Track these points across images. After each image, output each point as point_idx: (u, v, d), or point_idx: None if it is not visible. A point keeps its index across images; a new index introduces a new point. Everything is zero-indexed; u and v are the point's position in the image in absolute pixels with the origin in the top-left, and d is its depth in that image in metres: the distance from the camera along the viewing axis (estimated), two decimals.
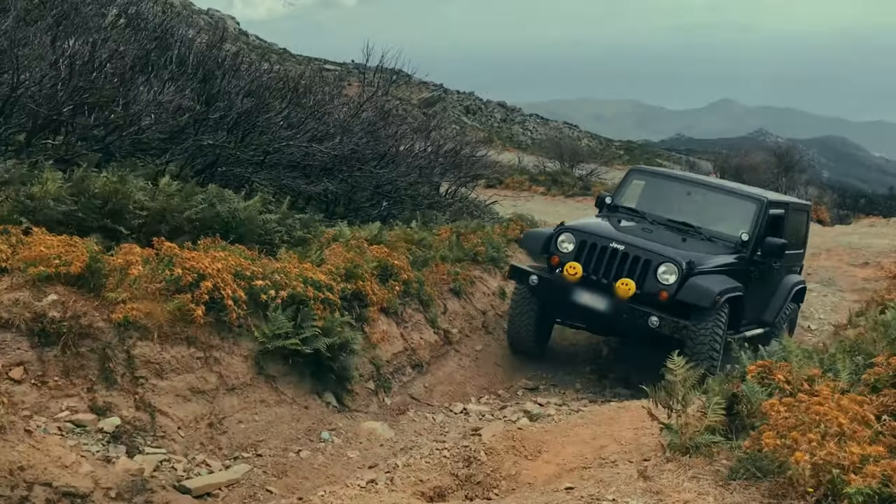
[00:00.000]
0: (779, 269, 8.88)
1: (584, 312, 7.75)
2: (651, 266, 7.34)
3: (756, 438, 3.06)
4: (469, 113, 56.47)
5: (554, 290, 7.74)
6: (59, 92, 9.41)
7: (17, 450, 4.01)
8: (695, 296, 7.16)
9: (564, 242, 7.85)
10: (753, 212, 8.30)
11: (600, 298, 7.37)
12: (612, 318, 7.44)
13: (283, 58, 36.85)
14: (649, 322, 7.08)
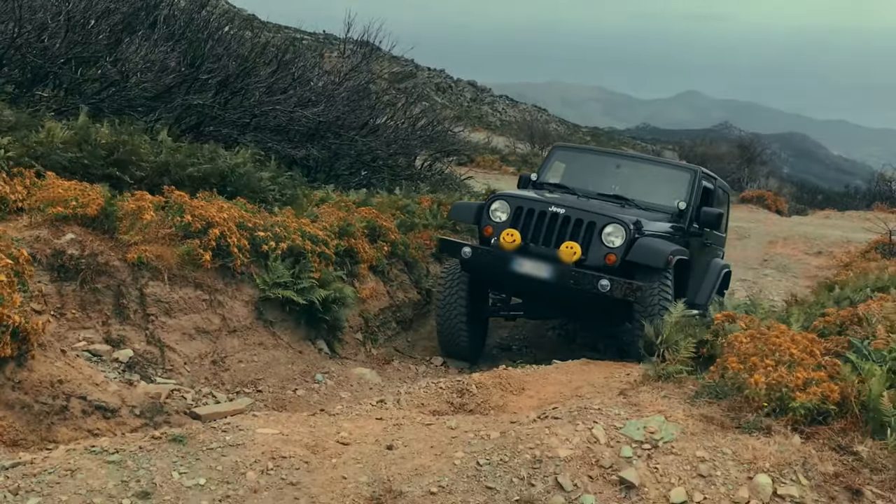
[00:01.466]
0: (708, 249, 8.60)
1: (525, 284, 6.97)
2: (596, 228, 6.70)
3: (720, 365, 3.59)
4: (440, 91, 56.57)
5: (490, 262, 6.91)
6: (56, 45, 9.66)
7: (55, 365, 4.39)
8: (646, 256, 6.60)
9: (498, 211, 7.13)
10: (688, 181, 7.92)
11: (543, 265, 6.64)
12: (558, 287, 6.67)
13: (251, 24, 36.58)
14: (599, 286, 6.34)
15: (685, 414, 3.37)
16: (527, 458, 3.03)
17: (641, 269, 6.65)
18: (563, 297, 6.97)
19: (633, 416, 3.31)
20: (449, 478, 2.94)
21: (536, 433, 3.20)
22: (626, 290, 6.38)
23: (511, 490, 2.87)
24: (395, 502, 2.78)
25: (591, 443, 3.10)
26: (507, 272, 6.81)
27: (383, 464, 3.06)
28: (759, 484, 2.89)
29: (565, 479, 2.90)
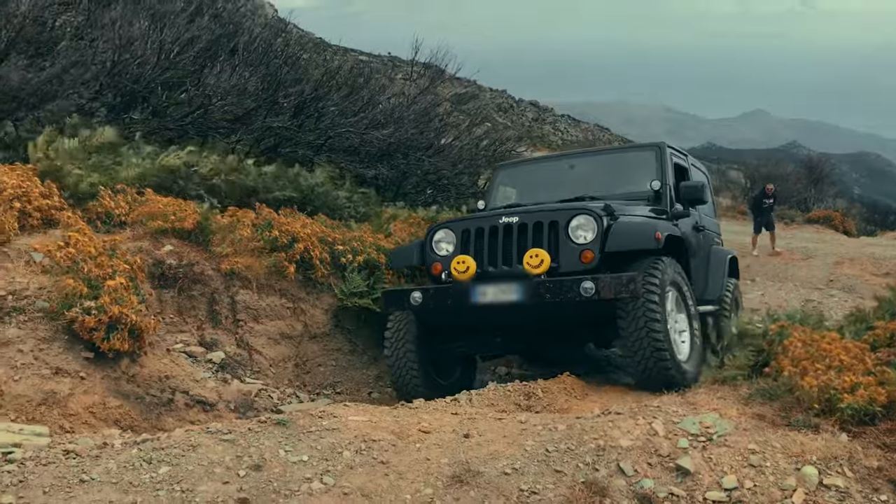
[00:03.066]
0: (704, 235, 7.53)
1: (495, 316, 5.69)
2: (560, 227, 5.57)
3: (773, 369, 3.85)
4: (501, 111, 56.97)
5: (445, 303, 5.68)
6: (147, 71, 10.38)
7: (162, 363, 4.89)
8: (630, 238, 5.46)
9: (442, 242, 6.08)
10: (654, 159, 6.87)
11: (509, 287, 5.44)
12: (533, 308, 5.41)
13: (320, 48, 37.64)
14: (582, 290, 5.10)
15: (738, 412, 3.66)
16: (591, 447, 3.36)
17: (628, 258, 5.49)
18: (544, 319, 5.75)
19: (690, 413, 3.61)
20: (521, 462, 3.28)
21: (600, 426, 3.52)
22: (617, 288, 5.13)
23: (577, 473, 3.20)
24: (473, 480, 3.13)
25: (650, 435, 3.41)
26: (468, 308, 5.60)
27: (461, 449, 3.42)
28: (806, 474, 3.16)
29: (626, 465, 3.22)
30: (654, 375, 5.12)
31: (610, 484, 3.12)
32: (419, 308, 5.79)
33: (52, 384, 4.22)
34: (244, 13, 15.98)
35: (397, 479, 3.16)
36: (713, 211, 8.56)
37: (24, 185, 6.11)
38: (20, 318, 4.53)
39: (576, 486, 3.10)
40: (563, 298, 5.23)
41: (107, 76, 9.64)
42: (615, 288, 5.13)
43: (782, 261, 17.95)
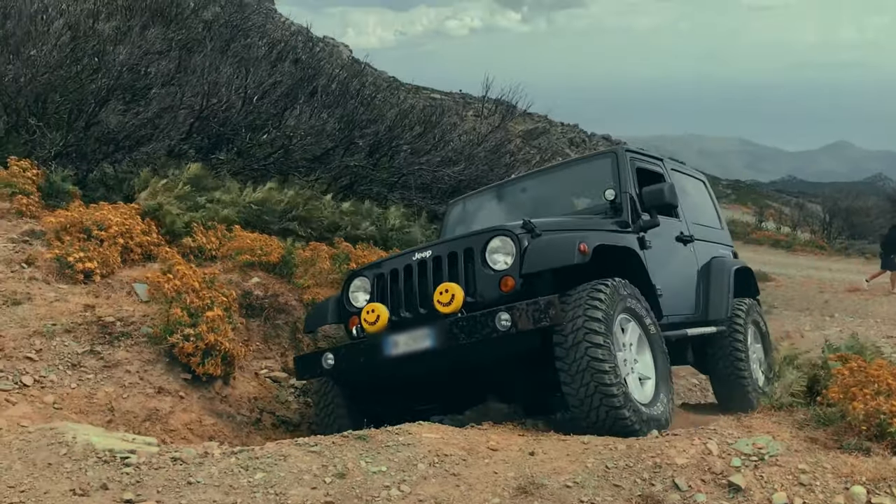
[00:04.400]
0: (697, 247, 6.76)
1: (410, 368, 4.92)
2: (476, 254, 4.87)
3: (825, 396, 4.02)
4: (573, 145, 57.03)
5: (358, 362, 5.01)
6: (233, 115, 11.06)
7: (251, 385, 5.30)
8: (549, 254, 4.69)
9: (358, 292, 5.45)
10: (610, 166, 6.06)
11: (420, 332, 4.72)
12: (449, 354, 4.67)
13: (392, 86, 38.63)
14: (498, 324, 4.37)
15: (791, 435, 3.84)
16: (648, 464, 3.59)
17: (567, 283, 4.74)
18: (469, 367, 4.98)
19: (744, 435, 3.81)
20: (582, 476, 3.54)
21: (657, 445, 3.75)
22: (535, 316, 4.34)
23: (634, 488, 3.43)
24: (537, 492, 3.40)
25: (704, 454, 3.63)
26: (383, 363, 4.89)
27: (527, 465, 3.70)
28: (855, 493, 3.33)
29: (681, 480, 3.44)
30: (607, 426, 4.31)
31: (665, 498, 3.35)
32: (333, 372, 5.14)
33: (155, 402, 4.67)
34: (322, 57, 16.73)
35: (467, 490, 3.46)
36: (718, 220, 7.78)
37: (127, 223, 6.68)
38: (127, 343, 5.02)
39: (633, 499, 3.34)
40: (481, 337, 4.44)
41: (195, 119, 10.31)
42: (533, 316, 4.34)
43: (863, 297, 17.67)
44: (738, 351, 6.58)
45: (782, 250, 29.66)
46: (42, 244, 6.32)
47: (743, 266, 7.33)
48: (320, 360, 5.15)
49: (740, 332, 6.67)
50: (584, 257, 4.60)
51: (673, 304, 5.88)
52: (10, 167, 7.56)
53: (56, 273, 5.84)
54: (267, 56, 13.94)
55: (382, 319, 4.94)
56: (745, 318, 6.81)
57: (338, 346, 5.39)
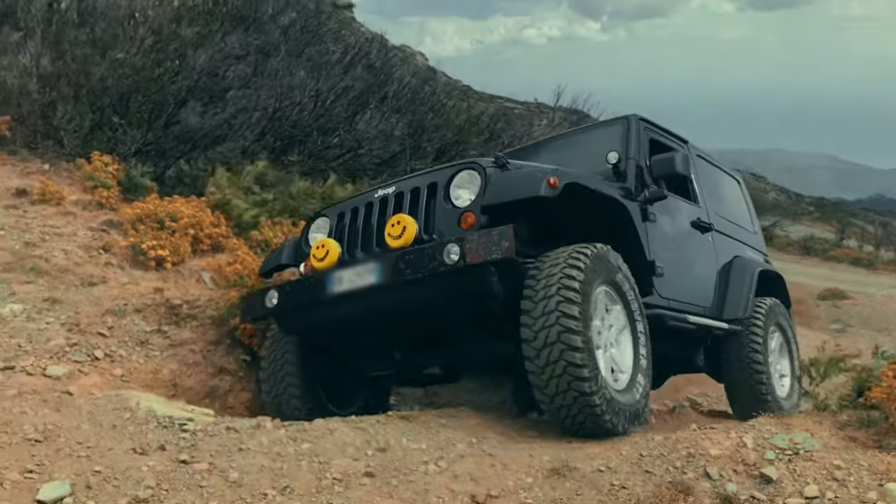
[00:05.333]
0: (719, 240, 6.33)
1: (354, 309, 4.45)
2: (440, 189, 4.45)
3: (869, 397, 4.00)
4: None
5: (302, 300, 4.60)
6: (304, 117, 11.42)
7: None
8: (513, 185, 4.22)
9: (317, 232, 5.06)
10: (620, 133, 5.60)
11: (366, 267, 4.29)
12: (393, 291, 4.20)
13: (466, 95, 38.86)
14: (446, 256, 3.89)
15: (830, 434, 3.84)
16: (682, 454, 3.66)
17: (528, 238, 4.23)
18: (416, 312, 4.40)
19: (782, 432, 3.83)
20: (615, 462, 3.63)
21: (693, 437, 3.81)
22: (486, 248, 3.82)
23: (665, 475, 3.50)
24: (570, 474, 3.50)
25: (739, 447, 3.67)
26: (327, 302, 4.46)
27: (562, 450, 3.80)
28: (889, 489, 3.32)
29: (713, 470, 3.50)
30: (572, 415, 3.93)
31: (695, 485, 3.41)
32: (277, 312, 4.71)
33: (216, 381, 4.94)
34: (395, 63, 17.07)
35: (502, 469, 3.58)
36: (750, 222, 7.36)
37: (197, 216, 7.02)
38: (193, 324, 5.31)
39: (663, 485, 3.40)
40: (427, 272, 3.96)
41: (269, 121, 10.69)
42: (484, 248, 3.81)
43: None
44: (755, 353, 6.00)
45: (862, 269, 28.72)
46: (119, 233, 6.70)
47: (772, 271, 6.89)
48: (264, 298, 4.71)
49: (759, 334, 6.10)
50: (554, 191, 4.03)
51: (677, 288, 5.43)
52: (94, 162, 8.00)
53: (130, 260, 6.20)
54: (340, 61, 14.31)
55: (332, 256, 4.49)
56: (767, 318, 6.25)
57: (283, 284, 4.91)
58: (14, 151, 8.19)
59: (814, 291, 18.35)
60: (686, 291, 5.61)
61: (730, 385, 6.23)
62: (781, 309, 6.66)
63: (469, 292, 4.12)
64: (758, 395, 5.92)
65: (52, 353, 4.55)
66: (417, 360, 5.00)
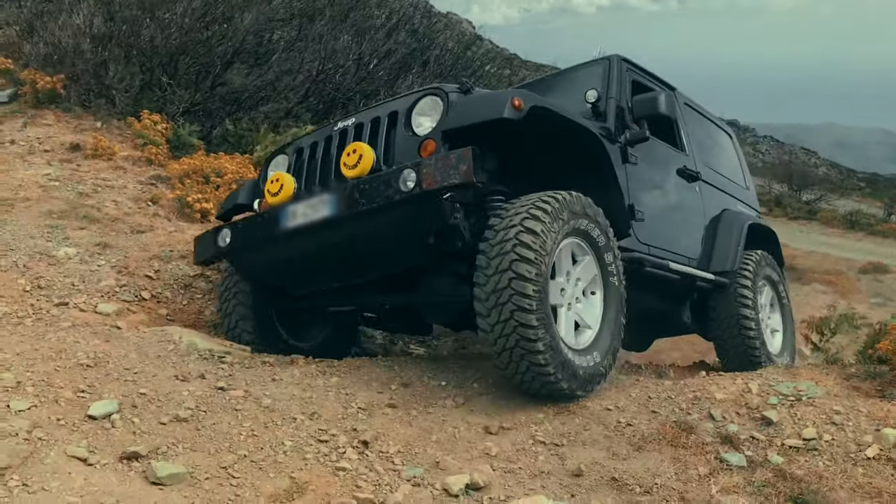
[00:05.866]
0: (706, 191, 6.13)
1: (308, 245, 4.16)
2: (400, 117, 4.14)
3: (876, 350, 4.14)
4: None
5: (255, 237, 4.34)
6: (346, 80, 11.65)
7: None
8: (473, 109, 3.89)
9: (276, 169, 4.78)
10: (601, 73, 5.34)
11: (320, 199, 3.99)
12: (347, 223, 3.91)
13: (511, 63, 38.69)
14: (402, 183, 3.61)
15: (835, 383, 4.00)
16: (689, 396, 3.85)
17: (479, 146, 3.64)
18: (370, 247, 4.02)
19: (788, 380, 4.00)
20: (624, 402, 3.83)
21: (701, 383, 4.00)
22: (444, 172, 3.52)
23: (671, 415, 3.70)
24: (580, 411, 3.72)
25: (744, 392, 3.85)
26: (280, 238, 4.19)
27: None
28: (884, 434, 3.48)
29: (716, 412, 3.68)
30: (526, 381, 3.72)
31: (698, 425, 3.61)
32: (229, 252, 4.51)
33: None
34: (438, 28, 17.18)
35: (516, 406, 3.81)
36: (742, 178, 7.23)
37: (241, 171, 7.31)
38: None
39: (667, 424, 3.60)
40: (382, 201, 3.67)
41: (312, 83, 10.94)
42: (441, 172, 3.52)
43: None
44: (744, 306, 5.72)
45: None
46: (166, 187, 7.03)
47: (763, 225, 6.65)
48: (216, 238, 4.50)
49: (747, 285, 5.83)
50: (518, 113, 3.72)
51: (659, 235, 5.23)
52: (143, 120, 8.34)
53: (176, 211, 6.53)
54: (384, 26, 14.49)
55: (286, 190, 4.23)
56: (756, 269, 6.00)
57: (235, 222, 4.58)
58: (68, 109, 8.56)
59: (855, 265, 18.18)
60: (669, 239, 5.39)
61: (718, 341, 5.88)
62: (771, 261, 6.41)
63: (428, 225, 3.79)
64: (748, 350, 5.66)
65: (102, 293, 4.87)
66: (378, 300, 4.70)
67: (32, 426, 3.02)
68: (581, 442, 3.49)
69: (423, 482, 3.05)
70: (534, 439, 3.49)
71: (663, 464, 3.30)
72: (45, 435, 2.99)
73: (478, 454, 3.33)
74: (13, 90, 8.69)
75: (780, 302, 6.38)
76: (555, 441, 3.48)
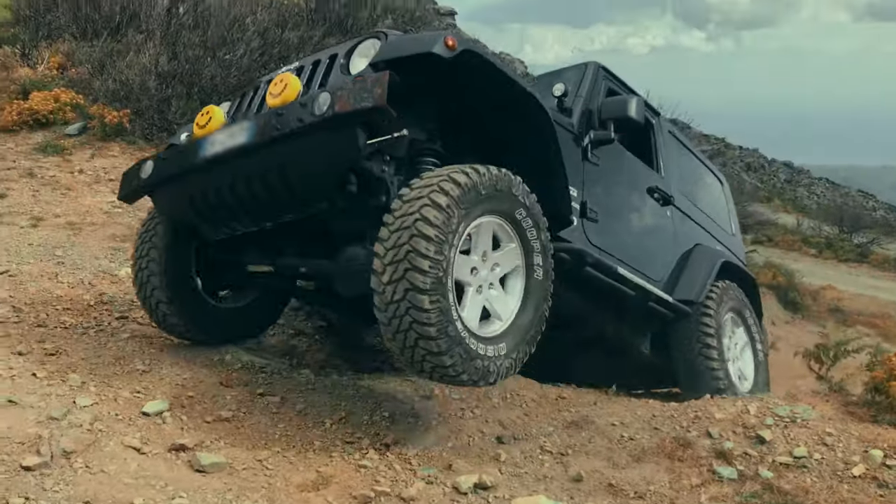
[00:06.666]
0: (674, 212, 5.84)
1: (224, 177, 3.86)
2: (338, 59, 3.91)
3: (872, 378, 4.36)
4: (750, 170, 55.31)
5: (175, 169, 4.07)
6: None
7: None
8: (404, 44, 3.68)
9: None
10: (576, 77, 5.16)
11: (240, 126, 3.78)
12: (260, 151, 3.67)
13: None
14: (317, 105, 3.40)
15: (832, 408, 4.24)
16: (690, 416, 4.13)
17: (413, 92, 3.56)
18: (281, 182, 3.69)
19: (786, 404, 4.25)
20: (629, 419, 4.13)
21: (703, 404, 4.28)
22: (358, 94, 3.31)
23: (671, 432, 3.98)
24: (586, 426, 4.03)
25: (742, 413, 4.11)
26: (197, 168, 3.93)
27: (586, 409, 4.33)
28: (872, 454, 3.71)
29: (714, 430, 3.96)
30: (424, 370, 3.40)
31: (696, 441, 3.88)
32: (151, 185, 4.18)
33: (294, 341, 5.64)
34: None
35: (529, 419, 4.14)
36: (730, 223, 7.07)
37: None
38: None
39: (667, 439, 3.89)
40: (296, 127, 3.47)
41: None
42: (355, 95, 3.30)
43: None
44: (706, 336, 5.42)
45: None
46: None
47: (742, 269, 6.39)
48: (139, 170, 4.20)
49: (710, 315, 5.53)
50: (450, 52, 3.44)
51: (616, 243, 4.97)
52: None
53: None
54: None
55: (214, 122, 3.98)
56: (720, 300, 5.68)
57: (159, 153, 4.36)
58: (133, 141, 9.19)
59: None
60: (627, 251, 5.10)
61: (679, 371, 5.56)
62: (739, 294, 6.03)
63: (343, 157, 3.51)
64: (710, 380, 5.31)
65: None
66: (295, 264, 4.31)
67: (94, 419, 3.45)
68: (585, 452, 3.80)
69: (435, 480, 3.40)
70: (541, 449, 3.82)
71: (658, 473, 3.60)
72: (105, 427, 3.41)
73: (488, 459, 3.68)
74: (83, 123, 9.36)
75: (751, 340, 6.06)
76: (560, 451, 3.80)
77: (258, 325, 5.06)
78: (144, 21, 11.48)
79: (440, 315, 3.22)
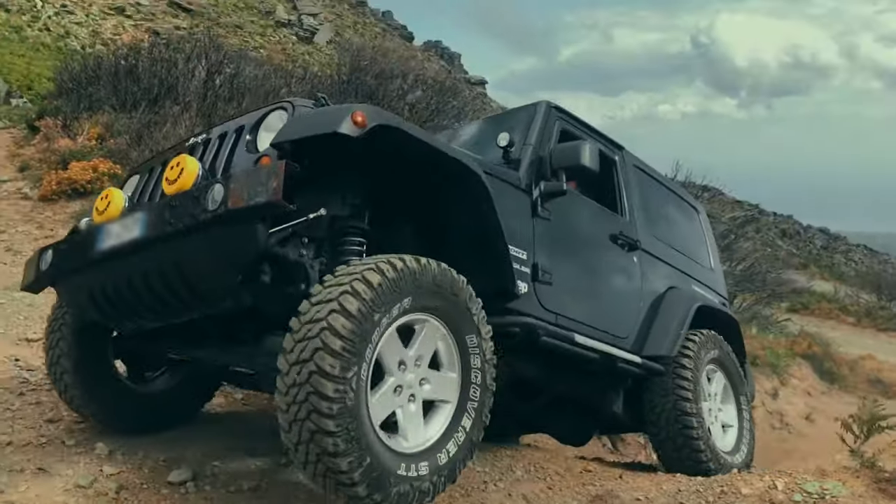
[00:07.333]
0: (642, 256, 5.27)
1: (116, 271, 3.49)
2: (245, 132, 3.57)
3: None
4: (785, 236, 54.90)
5: (72, 260, 3.70)
6: None
7: None
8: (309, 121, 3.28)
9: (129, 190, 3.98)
10: (524, 121, 4.73)
11: (134, 217, 3.41)
12: (155, 247, 3.28)
13: None
14: (210, 199, 3.02)
15: (862, 484, 4.15)
16: (716, 491, 4.06)
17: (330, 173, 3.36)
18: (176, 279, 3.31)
19: (816, 479, 4.17)
20: (654, 494, 4.08)
21: (730, 479, 4.21)
22: (251, 188, 2.93)
23: None
24: (611, 501, 3.98)
25: (770, 488, 4.04)
26: (93, 262, 3.56)
27: (611, 483, 4.29)
28: None
29: None
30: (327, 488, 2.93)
31: None
32: (48, 276, 3.82)
33: None
34: None
35: (553, 494, 4.11)
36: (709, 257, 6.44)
37: None
38: None
39: None
40: (189, 222, 3.09)
41: None
42: (249, 188, 2.93)
43: None
44: (683, 401, 4.95)
45: None
46: None
47: (721, 311, 5.86)
48: (39, 260, 3.86)
49: (687, 369, 5.05)
50: (359, 130, 3.06)
51: (574, 304, 4.47)
52: None
53: None
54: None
55: (114, 207, 3.65)
56: (699, 352, 5.19)
57: (59, 241, 3.99)
58: None
59: None
60: (587, 311, 4.59)
61: (654, 435, 5.11)
62: (721, 343, 5.52)
63: (240, 254, 3.13)
64: (689, 448, 4.89)
65: None
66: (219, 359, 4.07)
67: (119, 488, 3.50)
68: None
69: None
70: None
71: None
72: (131, 496, 3.46)
73: None
74: None
75: (735, 391, 5.58)
76: None
77: (191, 405, 4.65)
78: (181, 93, 11.90)
79: (351, 440, 2.79)
